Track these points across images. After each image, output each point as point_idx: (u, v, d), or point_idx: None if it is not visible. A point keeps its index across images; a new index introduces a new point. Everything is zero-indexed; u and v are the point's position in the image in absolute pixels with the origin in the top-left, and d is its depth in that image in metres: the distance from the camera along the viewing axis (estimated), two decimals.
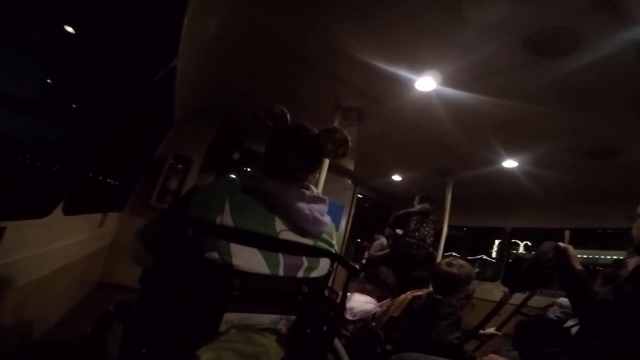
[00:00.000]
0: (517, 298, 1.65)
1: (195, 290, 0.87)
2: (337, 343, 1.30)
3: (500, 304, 1.59)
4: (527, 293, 1.75)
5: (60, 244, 2.00)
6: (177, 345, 0.85)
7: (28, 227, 1.56)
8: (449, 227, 4.41)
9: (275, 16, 2.10)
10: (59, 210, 1.79)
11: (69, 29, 1.75)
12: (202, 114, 4.07)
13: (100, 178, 2.94)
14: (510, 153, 3.36)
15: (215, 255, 0.85)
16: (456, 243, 7.09)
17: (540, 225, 4.81)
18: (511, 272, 1.60)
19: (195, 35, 2.05)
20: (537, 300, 2.35)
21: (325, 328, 1.08)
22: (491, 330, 1.87)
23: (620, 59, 1.81)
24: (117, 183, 3.56)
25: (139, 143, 3.47)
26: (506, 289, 1.60)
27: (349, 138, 1.16)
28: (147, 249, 1.00)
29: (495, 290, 4.27)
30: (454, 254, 6.23)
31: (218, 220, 0.88)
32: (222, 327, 0.87)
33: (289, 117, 1.14)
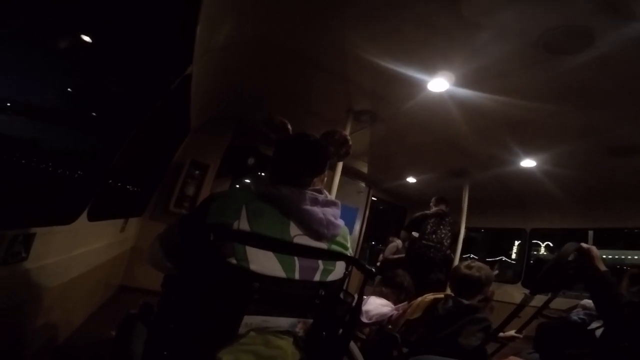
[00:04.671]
0: (538, 300, 1.62)
1: (216, 294, 0.89)
2: (353, 346, 1.30)
3: (521, 306, 1.57)
4: (549, 295, 1.71)
5: (85, 249, 2.08)
6: (197, 347, 0.87)
7: (56, 233, 1.63)
8: (467, 229, 4.33)
9: (285, 21, 2.12)
10: (84, 216, 1.87)
11: (87, 41, 1.83)
12: (217, 121, 4.15)
13: (121, 185, 3.04)
14: (528, 152, 3.29)
15: (233, 260, 0.87)
16: (474, 245, 6.96)
17: (562, 226, 4.67)
18: (532, 273, 1.57)
19: (208, 42, 2.10)
20: (560, 302, 2.28)
21: (340, 331, 1.09)
22: (511, 332, 1.83)
23: (636, 55, 1.75)
24: (136, 189, 3.67)
25: (157, 150, 3.56)
26: (527, 291, 1.57)
27: (348, 138, 1.20)
28: (167, 254, 1.04)
29: (515, 293, 4.17)
30: (472, 256, 6.12)
31: (235, 225, 0.91)
32: (242, 329, 0.89)
33: (289, 127, 1.20)
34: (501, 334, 1.76)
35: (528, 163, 3.48)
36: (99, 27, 1.85)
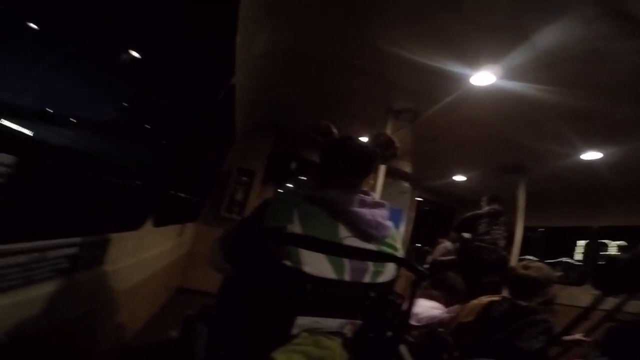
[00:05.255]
0: (608, 303, 1.49)
1: (270, 296, 0.93)
2: (403, 349, 1.29)
3: (591, 308, 1.46)
4: (623, 297, 1.57)
5: (150, 253, 2.26)
6: (253, 348, 0.92)
7: (126, 239, 1.80)
8: (525, 228, 4.05)
9: (321, 26, 2.15)
10: (149, 223, 2.04)
11: (139, 58, 2.00)
12: (259, 128, 4.32)
13: (178, 192, 3.27)
14: (592, 144, 2.99)
15: (288, 262, 0.91)
16: (532, 245, 6.47)
17: (636, 223, 4.18)
18: (604, 274, 1.47)
19: (248, 52, 2.17)
20: (633, 306, 2.07)
21: (389, 333, 1.08)
22: (577, 336, 1.70)
23: None
24: (190, 196, 3.93)
25: (207, 159, 3.79)
26: (596, 293, 1.46)
27: (394, 139, 1.21)
28: (226, 255, 1.10)
29: (581, 295, 3.80)
30: (528, 257, 5.70)
31: (289, 229, 0.95)
32: (294, 330, 0.93)
33: (335, 130, 1.23)
34: (565, 337, 1.64)
35: (593, 155, 3.18)
36: (147, 45, 2.02)
